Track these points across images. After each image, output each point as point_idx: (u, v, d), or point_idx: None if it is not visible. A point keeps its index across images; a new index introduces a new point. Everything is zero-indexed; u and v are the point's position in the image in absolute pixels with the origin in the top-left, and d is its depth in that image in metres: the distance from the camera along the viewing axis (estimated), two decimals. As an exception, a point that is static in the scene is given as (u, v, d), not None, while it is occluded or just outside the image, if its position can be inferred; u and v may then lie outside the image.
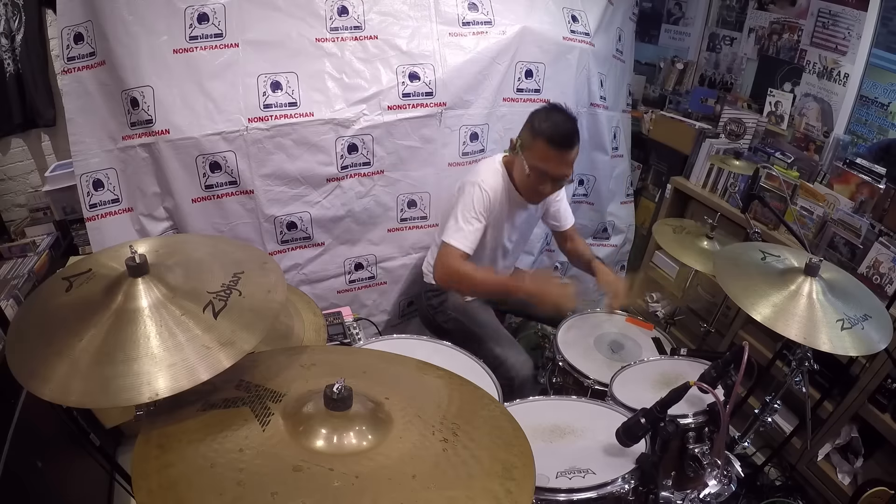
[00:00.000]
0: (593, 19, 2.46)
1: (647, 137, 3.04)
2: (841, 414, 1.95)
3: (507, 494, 0.79)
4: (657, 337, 1.88)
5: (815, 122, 2.42)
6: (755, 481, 2.04)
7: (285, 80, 2.00)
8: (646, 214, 3.19)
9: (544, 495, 1.16)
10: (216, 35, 1.94)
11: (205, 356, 0.85)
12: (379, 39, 2.11)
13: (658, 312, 3.04)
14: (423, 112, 2.16)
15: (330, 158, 2.09)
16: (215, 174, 2.00)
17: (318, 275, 2.30)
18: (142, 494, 0.72)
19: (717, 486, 1.31)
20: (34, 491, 1.43)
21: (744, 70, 2.77)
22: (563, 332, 1.88)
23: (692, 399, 1.24)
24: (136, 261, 0.92)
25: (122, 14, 1.83)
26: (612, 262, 3.02)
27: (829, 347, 1.26)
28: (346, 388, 0.85)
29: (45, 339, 0.86)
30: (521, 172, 1.79)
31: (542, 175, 1.73)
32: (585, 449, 1.28)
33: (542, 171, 1.73)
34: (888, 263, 1.89)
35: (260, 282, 1.02)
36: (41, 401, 0.81)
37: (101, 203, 1.98)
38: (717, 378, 1.23)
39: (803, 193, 2.23)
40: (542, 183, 1.75)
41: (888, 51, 2.14)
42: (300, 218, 2.15)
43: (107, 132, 1.93)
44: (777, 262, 1.46)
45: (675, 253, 2.00)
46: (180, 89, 1.90)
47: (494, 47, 2.21)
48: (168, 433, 0.82)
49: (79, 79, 1.88)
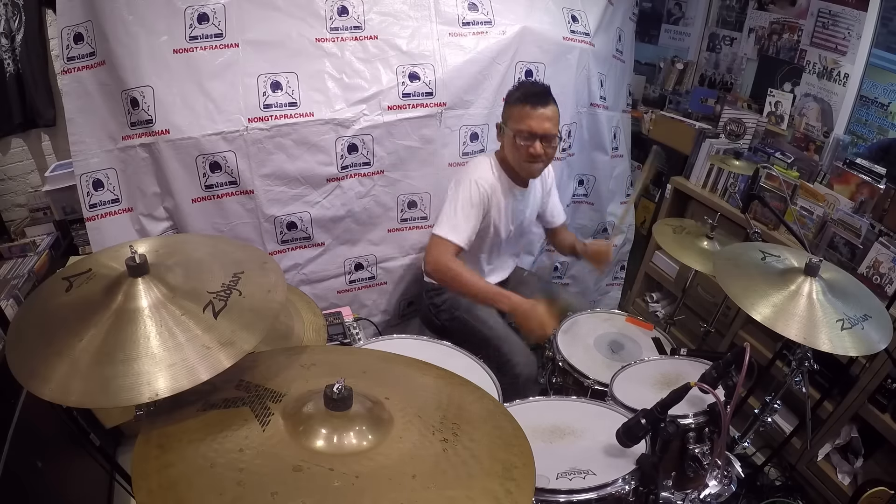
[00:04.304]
0: (593, 19, 2.45)
1: (647, 137, 3.04)
2: (841, 414, 1.95)
3: (507, 494, 0.79)
4: (657, 337, 1.88)
5: (815, 122, 2.42)
6: (755, 481, 2.04)
7: (285, 80, 2.00)
8: (646, 214, 3.19)
9: (545, 496, 1.15)
10: (216, 35, 1.93)
11: (205, 356, 0.85)
12: (379, 39, 2.11)
13: (658, 312, 3.05)
14: (423, 112, 2.16)
15: (330, 158, 2.09)
16: (215, 174, 2.00)
17: (318, 275, 2.30)
18: (142, 494, 0.72)
19: (717, 486, 1.31)
20: (34, 491, 1.43)
21: (744, 70, 2.77)
22: (563, 332, 1.87)
23: (692, 399, 1.24)
24: (136, 261, 0.92)
25: (122, 14, 1.83)
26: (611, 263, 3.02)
27: (829, 347, 1.26)
28: (346, 388, 0.85)
29: (45, 339, 0.86)
30: (511, 145, 1.84)
31: (528, 135, 1.78)
32: (585, 449, 1.28)
33: (527, 131, 1.78)
34: (888, 263, 1.89)
35: (260, 282, 1.02)
36: (41, 401, 0.80)
37: (101, 203, 1.98)
38: (718, 379, 1.22)
39: (803, 193, 2.23)
40: (531, 143, 1.79)
41: (888, 51, 2.14)
42: (300, 218, 2.15)
43: (107, 132, 1.93)
44: (777, 262, 1.46)
45: (675, 253, 2.00)
46: (180, 89, 1.90)
47: (494, 47, 2.21)
48: (168, 433, 0.82)
49: (79, 79, 1.87)
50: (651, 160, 2.14)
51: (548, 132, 1.79)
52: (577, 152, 2.63)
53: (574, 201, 2.77)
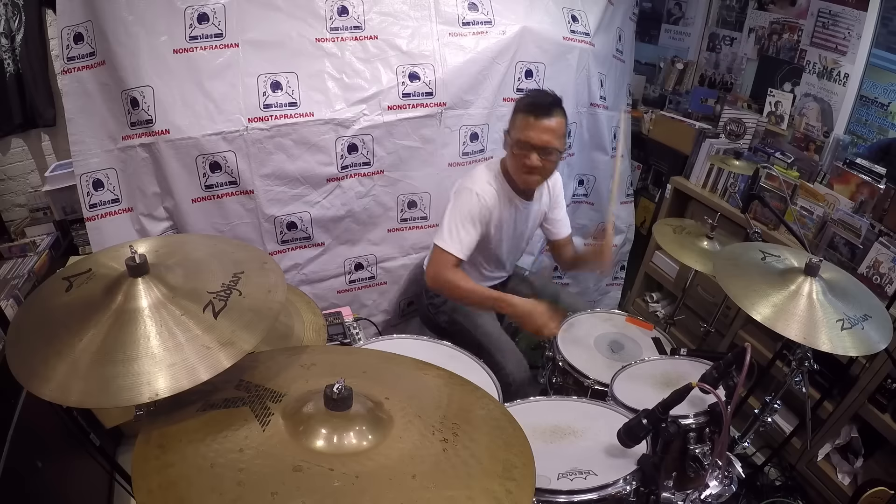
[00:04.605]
0: (593, 19, 2.45)
1: (647, 137, 3.04)
2: (841, 414, 1.95)
3: (507, 494, 0.79)
4: (657, 337, 1.88)
5: (815, 122, 2.42)
6: (755, 481, 2.04)
7: (285, 80, 2.00)
8: (646, 214, 3.19)
9: (545, 497, 1.15)
10: (216, 35, 1.93)
11: (205, 356, 0.85)
12: (379, 39, 2.11)
13: (658, 312, 3.05)
14: (423, 112, 2.16)
15: (330, 158, 2.09)
16: (215, 174, 2.00)
17: (318, 275, 2.30)
18: (142, 494, 0.72)
19: (718, 486, 1.31)
20: (34, 491, 1.43)
21: (744, 70, 2.77)
22: (563, 332, 1.87)
23: (693, 399, 1.24)
24: (136, 261, 0.92)
25: (122, 14, 1.83)
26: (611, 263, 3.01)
27: (829, 347, 1.25)
28: (346, 388, 0.85)
29: (45, 339, 0.86)
30: (510, 153, 1.81)
31: (525, 145, 1.73)
32: (586, 450, 1.28)
33: (524, 141, 1.73)
34: (888, 263, 1.88)
35: (260, 282, 1.02)
36: (41, 401, 0.80)
37: (101, 203, 1.98)
38: (719, 379, 1.22)
39: (803, 193, 2.23)
40: (527, 154, 1.74)
41: (888, 51, 2.14)
42: (300, 218, 2.15)
43: (107, 132, 1.93)
44: (777, 262, 1.46)
45: (675, 253, 2.00)
46: (180, 89, 1.90)
47: (494, 47, 2.21)
48: (168, 433, 0.82)
49: (79, 79, 1.88)
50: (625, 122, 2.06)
51: (547, 144, 1.72)
52: (577, 152, 2.63)
53: (574, 201, 2.77)
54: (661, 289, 3.09)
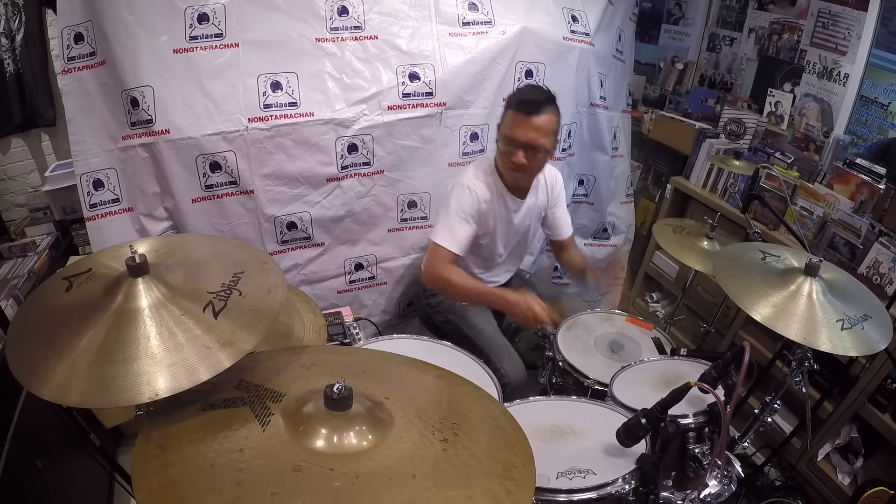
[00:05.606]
0: (593, 19, 2.46)
1: (647, 137, 3.04)
2: (841, 414, 1.95)
3: (507, 494, 0.79)
4: (657, 337, 1.88)
5: (815, 123, 2.42)
6: (755, 481, 2.04)
7: (285, 80, 2.00)
8: (646, 214, 3.19)
9: (545, 496, 1.16)
10: (216, 35, 1.94)
11: (205, 356, 0.85)
12: (379, 39, 2.11)
13: (658, 312, 3.05)
14: (423, 112, 2.16)
15: (330, 158, 2.09)
16: (215, 174, 2.00)
17: (318, 275, 2.30)
18: (142, 494, 0.72)
19: (717, 486, 1.31)
20: (34, 491, 1.43)
21: (744, 70, 2.77)
22: (563, 332, 1.88)
23: (692, 399, 1.24)
24: (136, 261, 0.92)
25: (122, 14, 1.83)
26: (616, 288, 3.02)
27: (829, 347, 1.26)
28: (346, 388, 0.85)
29: (45, 339, 0.86)
30: (498, 149, 1.79)
31: (511, 141, 1.71)
32: (586, 449, 1.28)
33: (511, 138, 1.71)
34: (888, 263, 1.88)
35: (260, 282, 1.02)
36: (41, 401, 0.80)
37: (101, 203, 1.98)
38: (718, 378, 1.22)
39: (803, 193, 2.23)
40: (514, 151, 1.72)
41: (888, 51, 2.14)
42: (300, 218, 2.15)
43: (107, 132, 1.93)
44: (777, 262, 1.46)
45: (675, 253, 2.01)
46: (180, 89, 1.90)
47: (494, 47, 2.21)
48: (168, 433, 0.82)
49: (79, 79, 1.88)
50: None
51: (532, 142, 1.69)
52: (577, 152, 2.63)
53: (574, 201, 2.77)
54: (661, 289, 3.09)
